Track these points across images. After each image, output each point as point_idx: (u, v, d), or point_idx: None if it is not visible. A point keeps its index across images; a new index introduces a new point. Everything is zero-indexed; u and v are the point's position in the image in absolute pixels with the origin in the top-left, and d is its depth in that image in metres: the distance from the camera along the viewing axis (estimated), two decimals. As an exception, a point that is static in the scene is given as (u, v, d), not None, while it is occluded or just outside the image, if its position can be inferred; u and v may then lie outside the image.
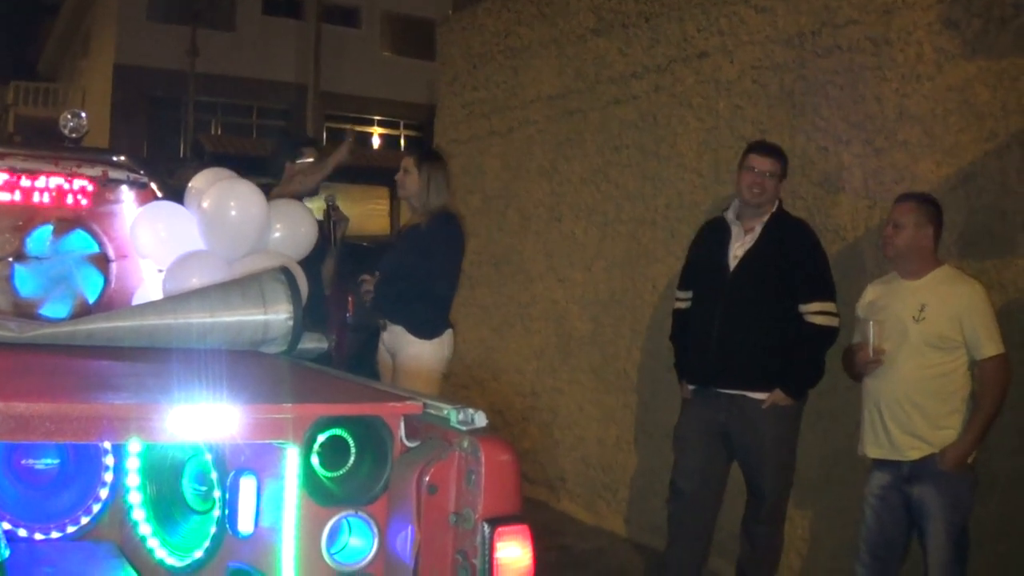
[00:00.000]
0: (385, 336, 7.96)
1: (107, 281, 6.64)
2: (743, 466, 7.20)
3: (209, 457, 4.04)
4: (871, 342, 6.28)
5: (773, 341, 6.94)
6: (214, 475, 4.03)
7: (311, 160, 8.58)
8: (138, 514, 4.68)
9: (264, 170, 8.66)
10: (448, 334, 7.91)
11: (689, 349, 7.39)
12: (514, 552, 3.33)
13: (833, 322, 6.92)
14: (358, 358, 9.73)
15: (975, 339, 6.07)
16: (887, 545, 6.40)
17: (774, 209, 7.15)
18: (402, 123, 42.61)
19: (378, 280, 7.97)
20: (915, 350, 6.19)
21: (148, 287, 6.42)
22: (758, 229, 7.10)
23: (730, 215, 7.26)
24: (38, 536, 5.02)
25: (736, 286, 7.06)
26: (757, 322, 6.98)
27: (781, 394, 6.91)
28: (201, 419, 3.25)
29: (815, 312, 6.91)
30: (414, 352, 7.75)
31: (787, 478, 7.18)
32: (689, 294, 7.49)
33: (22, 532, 5.02)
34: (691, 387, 7.35)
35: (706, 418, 7.18)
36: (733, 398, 7.04)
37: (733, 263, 7.11)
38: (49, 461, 5.16)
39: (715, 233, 7.34)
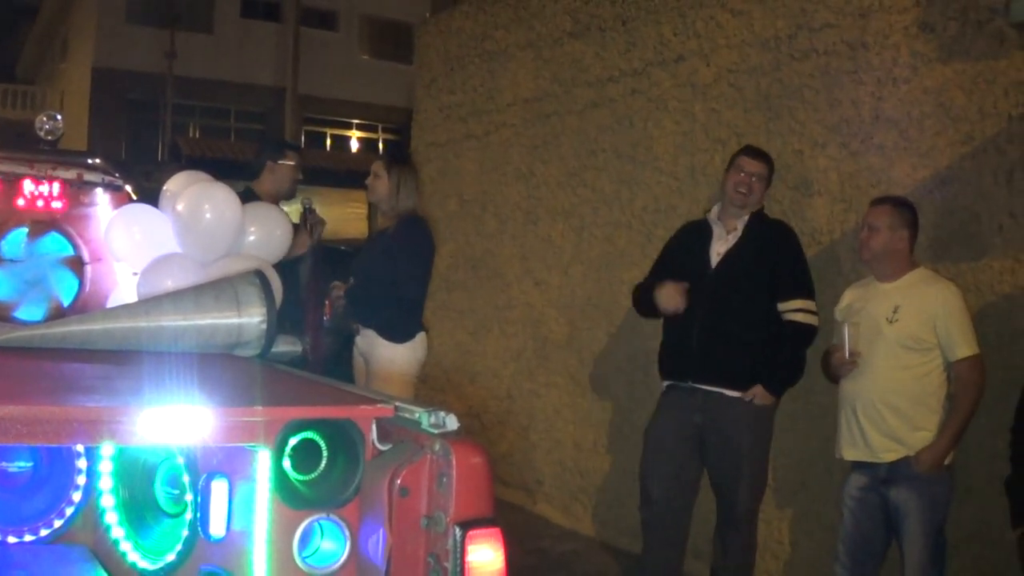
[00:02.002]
0: (359, 340, 7.97)
1: (81, 284, 6.63)
2: (716, 471, 7.19)
3: (181, 460, 4.03)
4: (847, 344, 6.30)
5: (754, 339, 6.98)
6: (186, 478, 4.01)
7: (292, 163, 8.50)
8: (111, 517, 4.66)
9: (250, 173, 8.60)
10: (421, 337, 7.91)
11: (667, 346, 7.41)
12: (486, 555, 3.32)
13: (812, 320, 6.96)
14: (334, 361, 9.72)
15: (949, 340, 6.11)
16: (865, 547, 6.42)
17: (755, 210, 7.19)
18: (380, 126, 42.55)
19: (350, 285, 7.99)
20: (889, 351, 6.22)
21: (122, 290, 6.40)
22: (740, 228, 7.15)
23: (712, 215, 7.30)
24: (11, 539, 4.99)
25: (718, 284, 7.10)
26: (739, 320, 7.01)
27: (762, 390, 6.92)
28: (173, 422, 3.23)
29: (795, 310, 6.95)
30: (387, 356, 7.76)
31: (761, 482, 7.21)
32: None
33: (-6, 535, 5.00)
34: (666, 383, 7.36)
35: (681, 420, 7.17)
36: (709, 395, 7.05)
37: (715, 261, 7.15)
38: (22, 464, 5.12)
39: (695, 234, 7.38)
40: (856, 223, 7.05)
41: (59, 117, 7.07)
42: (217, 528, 3.58)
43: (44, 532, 5.06)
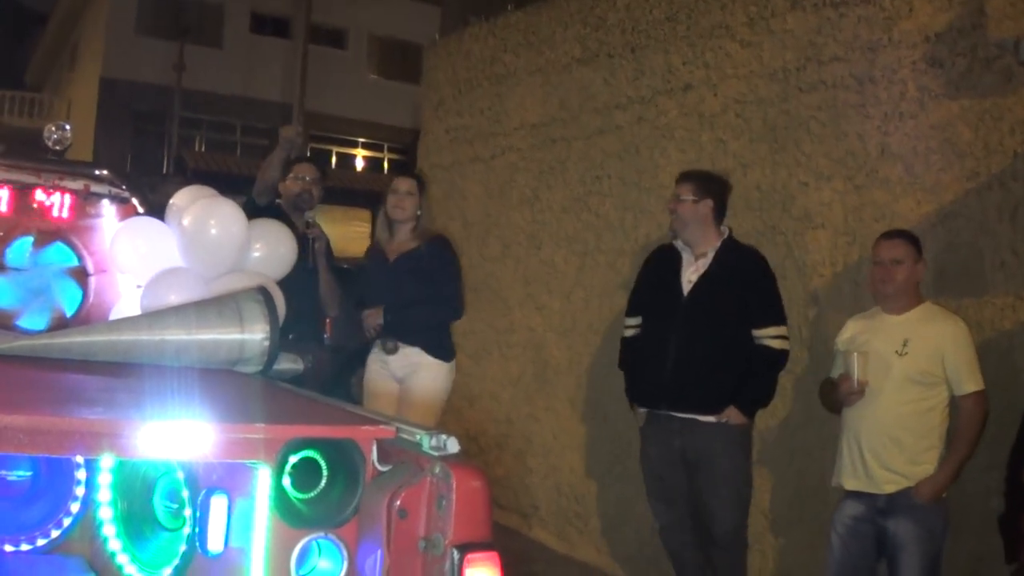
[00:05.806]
0: (392, 360, 7.95)
1: (85, 295, 6.62)
2: (698, 493, 7.21)
3: (181, 475, 4.03)
4: (855, 374, 6.29)
5: (727, 364, 7.02)
6: (185, 493, 4.01)
7: (292, 175, 8.40)
8: (108, 529, 4.66)
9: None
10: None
11: (641, 373, 7.46)
12: (483, 579, 3.32)
13: (786, 345, 7.08)
14: (334, 379, 9.70)
15: (957, 375, 6.13)
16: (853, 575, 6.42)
17: (725, 237, 7.28)
18: (386, 146, 42.63)
19: (387, 307, 7.96)
20: (897, 384, 6.23)
21: (126, 302, 6.40)
22: (710, 255, 7.21)
23: (679, 242, 7.35)
24: (8, 548, 4.99)
25: (691, 310, 7.14)
26: (712, 345, 7.06)
27: (735, 411, 6.99)
28: (174, 437, 3.23)
29: (772, 336, 7.01)
30: (431, 375, 7.88)
31: (743, 502, 7.23)
32: (638, 320, 7.57)
33: (-8, 544, 5.00)
34: (643, 410, 7.41)
35: (664, 445, 7.25)
36: (685, 422, 7.11)
37: (687, 287, 7.20)
38: (21, 473, 5.13)
39: (666, 261, 7.43)
40: (859, 257, 7.06)
41: (68, 127, 7.08)
42: (215, 544, 3.57)
43: (41, 542, 5.06)
